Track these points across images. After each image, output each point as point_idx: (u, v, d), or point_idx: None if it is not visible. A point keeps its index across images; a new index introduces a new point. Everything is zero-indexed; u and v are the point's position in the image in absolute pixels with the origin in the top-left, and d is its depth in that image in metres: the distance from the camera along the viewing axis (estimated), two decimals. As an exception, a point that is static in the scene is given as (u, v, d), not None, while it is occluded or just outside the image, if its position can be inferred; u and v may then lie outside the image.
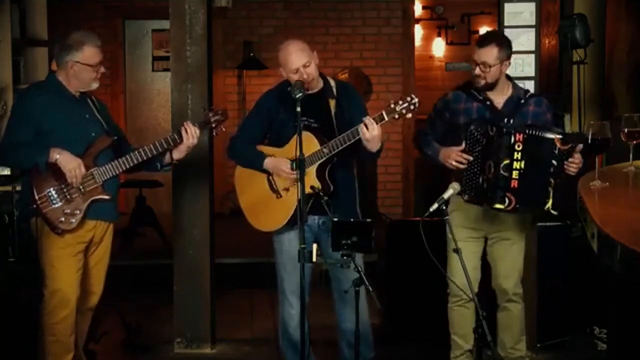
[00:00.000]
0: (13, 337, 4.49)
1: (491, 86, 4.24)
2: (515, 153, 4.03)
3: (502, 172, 4.05)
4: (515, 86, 4.34)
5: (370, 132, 3.94)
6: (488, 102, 4.26)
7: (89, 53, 4.09)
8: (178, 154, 4.25)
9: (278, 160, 4.18)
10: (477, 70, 4.21)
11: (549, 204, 4.06)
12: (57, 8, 7.68)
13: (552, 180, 4.04)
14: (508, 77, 4.33)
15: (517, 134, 4.03)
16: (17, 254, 4.72)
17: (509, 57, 4.25)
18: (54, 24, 7.24)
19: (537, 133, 4.05)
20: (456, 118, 4.28)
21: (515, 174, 4.05)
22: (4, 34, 6.29)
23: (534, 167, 4.05)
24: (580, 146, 4.04)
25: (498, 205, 4.09)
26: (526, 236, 4.42)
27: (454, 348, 4.44)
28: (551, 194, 4.05)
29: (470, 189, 4.15)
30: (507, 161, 4.05)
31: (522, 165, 4.04)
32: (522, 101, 4.26)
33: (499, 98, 4.27)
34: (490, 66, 4.18)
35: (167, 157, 4.26)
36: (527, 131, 4.05)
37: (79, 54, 4.09)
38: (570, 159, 4.03)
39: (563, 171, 4.05)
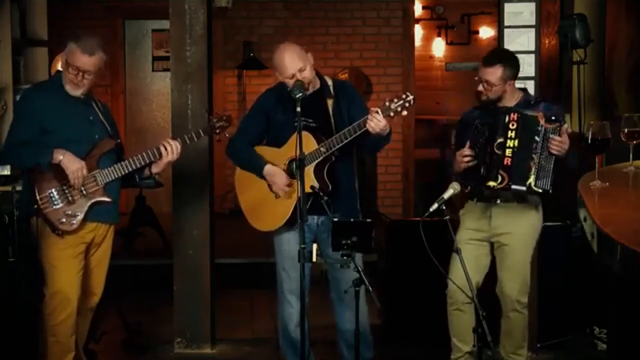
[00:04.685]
0: (13, 337, 4.50)
1: (495, 101, 4.29)
2: (509, 132, 4.12)
3: (495, 150, 4.13)
4: (526, 94, 4.41)
5: (377, 124, 3.95)
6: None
7: (72, 52, 4.08)
8: (157, 168, 4.25)
9: (275, 173, 4.18)
10: (480, 87, 4.29)
11: (531, 180, 4.10)
12: (57, 8, 7.68)
13: (534, 157, 4.10)
14: (522, 89, 4.41)
15: (512, 113, 4.14)
16: (17, 254, 4.72)
17: (514, 76, 4.30)
18: (54, 24, 7.23)
19: (525, 112, 4.14)
20: (470, 128, 4.33)
21: (508, 152, 4.13)
22: (4, 34, 6.28)
23: (525, 145, 4.11)
24: (566, 126, 4.12)
25: (491, 183, 4.15)
26: (533, 247, 4.41)
27: (454, 350, 4.45)
28: (532, 170, 4.10)
29: (474, 180, 4.20)
30: (501, 140, 4.13)
31: (516, 144, 4.12)
32: (532, 103, 4.32)
33: (509, 104, 4.31)
34: (492, 84, 4.24)
35: (146, 171, 4.27)
36: (521, 110, 4.15)
37: (67, 49, 4.10)
38: (552, 136, 4.08)
39: (547, 150, 4.10)
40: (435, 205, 3.70)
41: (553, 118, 4.12)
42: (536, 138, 4.10)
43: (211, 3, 5.25)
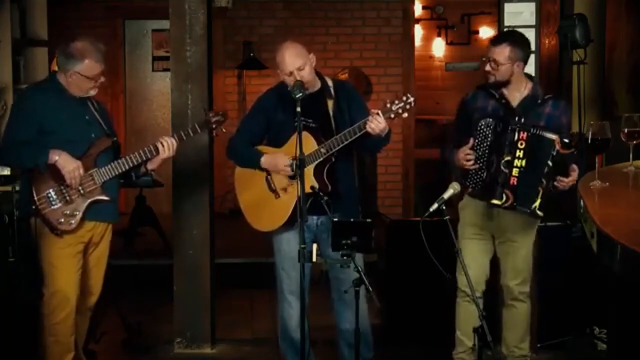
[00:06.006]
0: (13, 337, 4.50)
1: (502, 84, 4.24)
2: (518, 151, 4.06)
3: (502, 168, 4.09)
4: (534, 86, 4.32)
5: (377, 125, 3.96)
6: (503, 101, 4.25)
7: (89, 66, 4.08)
8: (152, 165, 4.26)
9: (275, 156, 4.18)
10: (487, 67, 4.22)
11: (537, 204, 4.07)
12: (57, 8, 7.68)
13: (544, 181, 4.05)
14: (529, 77, 4.33)
15: (522, 132, 4.06)
16: (17, 254, 4.72)
17: (523, 59, 4.23)
18: (54, 24, 7.24)
19: (539, 132, 4.06)
20: (472, 116, 4.29)
21: (515, 171, 4.08)
22: (4, 34, 6.29)
23: (534, 166, 4.06)
24: (575, 166, 4.05)
25: (495, 201, 4.12)
26: (534, 238, 4.41)
27: (458, 345, 4.45)
28: (540, 194, 4.06)
29: (475, 183, 4.17)
30: (508, 158, 4.08)
31: (523, 164, 4.07)
32: (539, 101, 4.25)
33: (515, 96, 4.26)
34: (499, 64, 4.18)
35: (142, 168, 4.28)
36: (531, 130, 4.07)
37: (78, 65, 4.07)
38: (562, 177, 4.03)
39: (554, 178, 4.05)
40: (435, 205, 3.70)
41: (566, 141, 4.03)
42: (549, 163, 4.03)
43: (211, 3, 5.25)
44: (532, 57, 5.77)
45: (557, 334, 5.05)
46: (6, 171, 5.14)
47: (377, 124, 3.97)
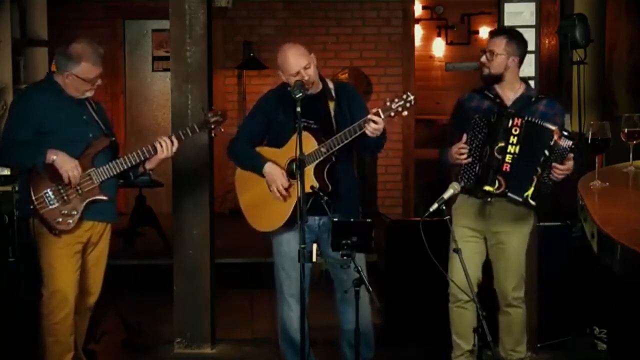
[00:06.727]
0: (13, 337, 4.50)
1: (495, 78, 4.24)
2: (512, 137, 4.08)
3: (496, 154, 4.09)
4: (528, 88, 4.35)
5: (375, 128, 3.95)
6: (497, 100, 4.26)
7: (86, 68, 4.08)
8: (150, 164, 4.26)
9: (276, 173, 4.18)
10: (483, 58, 4.24)
11: (529, 192, 4.07)
12: (57, 8, 7.69)
13: (539, 169, 4.06)
14: (524, 81, 4.34)
15: (516, 118, 4.08)
16: (17, 254, 4.72)
17: (519, 54, 4.25)
18: (54, 24, 7.24)
19: (536, 121, 4.08)
20: (468, 115, 4.29)
21: (508, 157, 4.09)
22: (4, 34, 6.29)
23: (528, 154, 4.07)
24: (571, 155, 4.06)
25: (488, 188, 4.11)
26: (527, 242, 4.39)
27: (455, 348, 4.45)
28: (533, 183, 4.07)
29: (468, 178, 4.16)
30: (502, 144, 4.09)
31: (517, 150, 4.08)
32: (533, 99, 4.27)
33: (509, 95, 4.27)
34: (495, 54, 4.19)
35: (140, 168, 4.28)
36: (526, 117, 4.09)
37: (76, 67, 4.07)
38: (557, 164, 4.04)
39: (550, 167, 4.06)
40: (435, 205, 3.69)
41: (566, 133, 4.05)
42: (546, 152, 4.04)
43: (211, 3, 5.25)
44: (532, 57, 5.78)
45: (557, 334, 5.05)
46: (6, 171, 5.14)
47: (375, 126, 3.95)
